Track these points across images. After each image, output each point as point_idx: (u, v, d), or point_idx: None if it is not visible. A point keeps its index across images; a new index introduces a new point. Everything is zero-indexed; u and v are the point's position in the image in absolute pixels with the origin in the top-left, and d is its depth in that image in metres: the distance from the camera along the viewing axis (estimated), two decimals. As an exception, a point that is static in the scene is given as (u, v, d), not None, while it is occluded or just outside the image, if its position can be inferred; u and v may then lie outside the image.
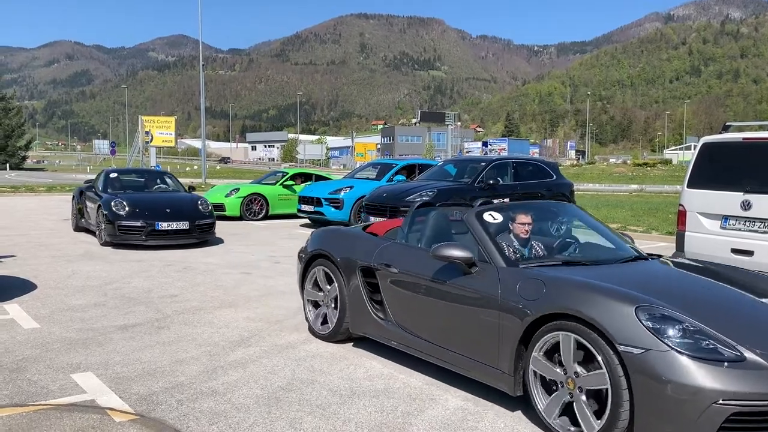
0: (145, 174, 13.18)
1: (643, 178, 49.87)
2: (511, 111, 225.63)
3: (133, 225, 10.22)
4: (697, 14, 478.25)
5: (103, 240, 10.56)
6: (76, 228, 12.58)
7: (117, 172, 12.59)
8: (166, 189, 12.31)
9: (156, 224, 10.25)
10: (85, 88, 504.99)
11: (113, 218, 10.23)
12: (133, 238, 10.22)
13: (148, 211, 10.41)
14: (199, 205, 11.03)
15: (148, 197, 11.30)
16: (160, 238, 10.31)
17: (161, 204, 10.79)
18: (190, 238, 10.55)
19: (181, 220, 10.46)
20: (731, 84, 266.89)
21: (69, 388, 4.12)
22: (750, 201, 6.53)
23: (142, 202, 10.70)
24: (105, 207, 10.45)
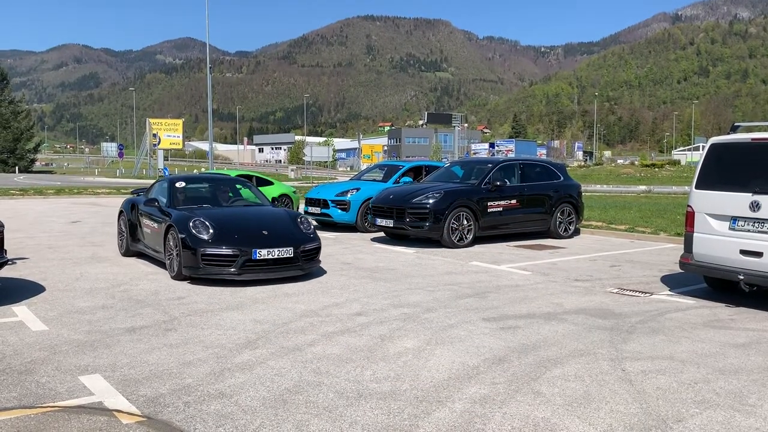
0: (216, 182, 10.22)
1: (651, 179, 49.64)
2: (518, 112, 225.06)
3: (223, 254, 7.59)
4: (705, 14, 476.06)
5: (176, 272, 7.93)
6: (127, 252, 9.83)
7: (184, 180, 9.65)
8: (247, 202, 9.70)
9: (253, 252, 7.63)
10: (93, 91, 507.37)
11: (194, 244, 7.65)
12: (223, 272, 7.59)
13: (239, 234, 7.86)
14: (299, 223, 8.51)
15: (234, 214, 8.70)
16: (257, 270, 7.68)
17: (254, 223, 8.28)
18: (294, 269, 7.96)
19: (284, 245, 7.88)
20: (740, 84, 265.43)
21: (77, 390, 4.13)
22: (759, 202, 6.49)
23: (230, 222, 8.19)
24: (180, 228, 7.87)
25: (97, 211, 18.47)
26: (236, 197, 9.75)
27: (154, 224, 8.77)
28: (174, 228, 7.95)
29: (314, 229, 8.57)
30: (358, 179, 15.87)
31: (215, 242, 7.64)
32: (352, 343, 5.32)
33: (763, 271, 6.47)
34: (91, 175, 53.00)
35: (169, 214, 8.38)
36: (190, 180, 9.86)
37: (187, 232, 7.77)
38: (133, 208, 9.76)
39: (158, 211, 8.73)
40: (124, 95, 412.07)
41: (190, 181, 9.81)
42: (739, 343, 5.49)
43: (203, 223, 7.86)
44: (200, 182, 10.17)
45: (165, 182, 9.51)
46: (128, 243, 9.78)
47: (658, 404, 4.04)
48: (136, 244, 9.60)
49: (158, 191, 9.49)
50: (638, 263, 9.81)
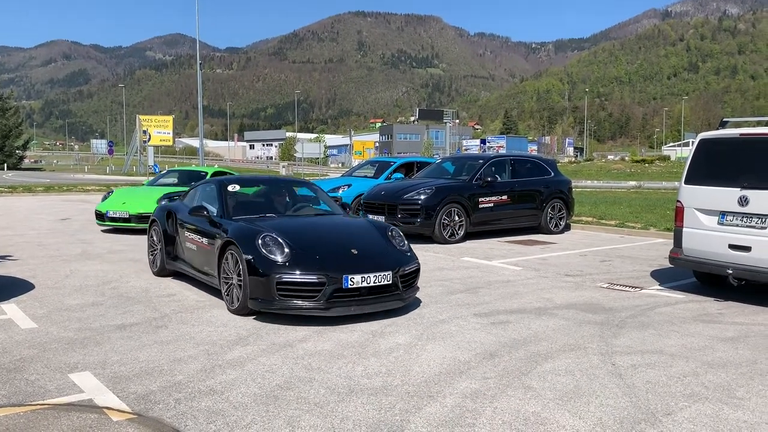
0: (272, 184, 8.29)
1: (641, 174, 49.88)
2: (509, 108, 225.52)
3: (305, 281, 5.68)
4: (695, 10, 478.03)
5: (238, 304, 6.00)
6: (162, 271, 7.91)
7: (237, 182, 7.61)
8: (316, 209, 7.63)
9: (344, 279, 5.72)
10: (82, 87, 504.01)
11: (266, 268, 5.74)
12: (304, 306, 5.68)
13: (322, 254, 5.95)
14: (391, 237, 6.56)
15: (309, 227, 6.74)
16: (348, 302, 5.77)
17: (336, 239, 6.38)
18: (394, 299, 6.04)
19: (380, 268, 5.94)
20: (729, 80, 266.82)
21: (66, 387, 4.11)
22: (747, 197, 6.54)
23: (307, 237, 6.28)
24: (245, 246, 5.95)
25: (86, 208, 18.36)
26: (299, 203, 7.77)
27: (202, 239, 6.89)
28: (235, 246, 6.04)
29: (409, 245, 6.68)
30: (349, 176, 15.86)
31: (293, 265, 5.75)
32: (344, 338, 5.32)
33: (751, 265, 6.53)
34: (80, 173, 52.68)
35: (224, 227, 6.50)
36: (245, 182, 7.90)
37: (255, 252, 5.85)
38: (169, 216, 7.90)
39: (207, 223, 6.85)
40: (113, 92, 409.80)
41: (246, 184, 7.87)
42: (727, 337, 5.53)
43: (275, 239, 5.94)
44: (253, 184, 8.10)
45: (212, 185, 7.61)
46: (163, 260, 7.84)
47: (648, 398, 4.06)
48: (174, 261, 7.70)
49: (202, 196, 7.67)
50: (628, 258, 9.86)
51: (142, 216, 12.09)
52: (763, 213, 6.43)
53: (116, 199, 13.03)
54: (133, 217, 12.41)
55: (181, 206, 7.92)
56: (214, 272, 6.55)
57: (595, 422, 3.67)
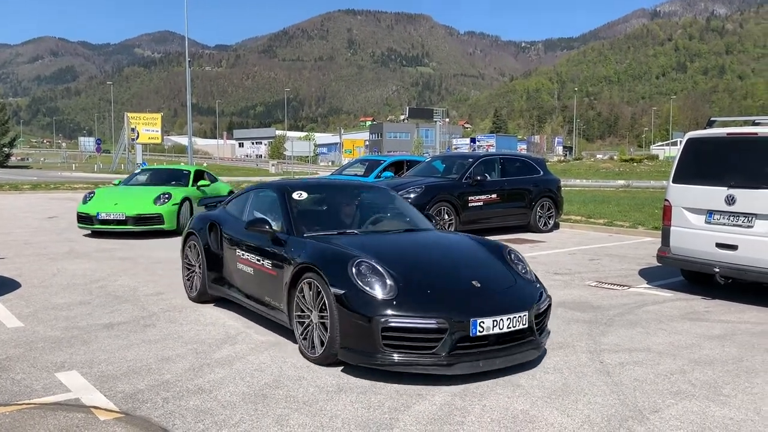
0: (339, 189, 6.51)
1: (629, 173, 50.16)
2: (498, 107, 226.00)
3: (420, 326, 4.21)
4: (683, 10, 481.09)
5: (323, 352, 4.53)
6: (202, 296, 6.45)
7: (304, 188, 6.03)
8: (403, 223, 6.04)
9: (471, 324, 4.26)
10: (70, 84, 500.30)
11: (365, 307, 4.29)
12: (420, 360, 4.21)
13: (434, 287, 4.50)
14: (511, 261, 5.10)
15: (405, 247, 5.32)
16: (476, 354, 4.29)
17: (448, 264, 4.95)
18: (530, 348, 4.57)
19: (514, 307, 4.50)
20: (717, 80, 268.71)
21: (53, 387, 4.08)
22: (734, 196, 6.59)
23: (410, 262, 4.85)
24: (332, 275, 4.52)
25: (74, 206, 18.21)
26: (375, 213, 6.14)
27: (262, 261, 5.42)
28: (317, 274, 4.59)
29: (532, 271, 5.21)
30: (339, 174, 15.84)
31: (401, 304, 4.26)
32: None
33: (737, 263, 6.58)
34: (68, 170, 52.28)
35: (294, 247, 5.09)
36: (311, 188, 6.15)
37: (348, 285, 4.38)
38: (212, 229, 6.39)
39: (269, 240, 5.39)
40: (101, 89, 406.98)
41: (313, 190, 6.14)
42: (714, 335, 5.58)
43: (372, 267, 4.49)
44: (319, 191, 6.30)
45: (269, 191, 6.13)
46: (205, 283, 6.32)
47: (635, 395, 4.09)
48: (220, 286, 6.19)
49: (256, 205, 6.18)
50: (616, 257, 9.91)
51: (141, 218, 11.48)
52: (750, 212, 6.49)
53: (104, 200, 11.81)
54: (131, 218, 11.43)
55: (227, 217, 6.39)
56: (280, 305, 5.07)
57: (583, 420, 3.69)
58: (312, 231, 5.39)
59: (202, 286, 6.39)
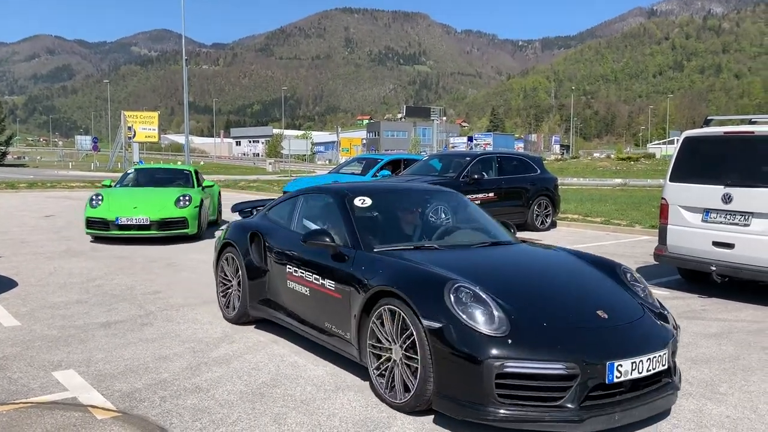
0: (412, 194, 5.71)
1: (626, 172, 50.23)
2: (496, 106, 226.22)
3: (544, 372, 3.34)
4: (680, 9, 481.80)
5: (409, 399, 3.68)
6: (242, 316, 5.54)
7: (366, 192, 5.12)
8: (485, 235, 5.09)
9: (608, 368, 3.38)
10: (66, 83, 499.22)
11: (471, 346, 3.40)
12: (546, 417, 3.32)
13: (551, 319, 3.61)
14: (630, 282, 4.27)
15: (505, 265, 4.47)
16: (612, 405, 3.41)
17: (559, 289, 4.08)
18: (669, 393, 3.69)
19: (652, 344, 3.65)
20: (713, 79, 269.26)
21: (50, 386, 4.08)
22: (731, 194, 6.61)
23: (513, 285, 4.01)
24: (424, 304, 3.64)
25: (71, 205, 18.20)
26: (448, 222, 5.34)
27: (322, 281, 4.53)
28: (403, 301, 3.71)
29: (651, 291, 4.33)
30: (336, 173, 15.83)
31: (518, 343, 3.40)
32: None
33: (734, 262, 6.60)
34: (64, 169, 52.14)
35: (363, 265, 4.22)
36: (372, 193, 5.16)
37: (446, 316, 3.52)
38: (253, 240, 5.50)
39: (329, 256, 4.51)
40: (98, 87, 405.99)
41: (374, 195, 5.13)
42: (710, 333, 5.59)
43: (474, 294, 3.60)
44: (382, 196, 5.32)
45: (326, 196, 5.21)
46: (246, 303, 5.44)
47: (632, 394, 4.08)
48: (264, 306, 5.31)
49: (306, 211, 5.35)
50: (614, 255, 9.89)
51: (166, 222, 10.41)
52: (746, 210, 6.50)
53: (119, 203, 10.63)
54: (155, 223, 10.33)
55: (271, 226, 5.52)
56: (346, 334, 4.25)
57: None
58: (382, 245, 4.50)
59: (242, 306, 5.47)
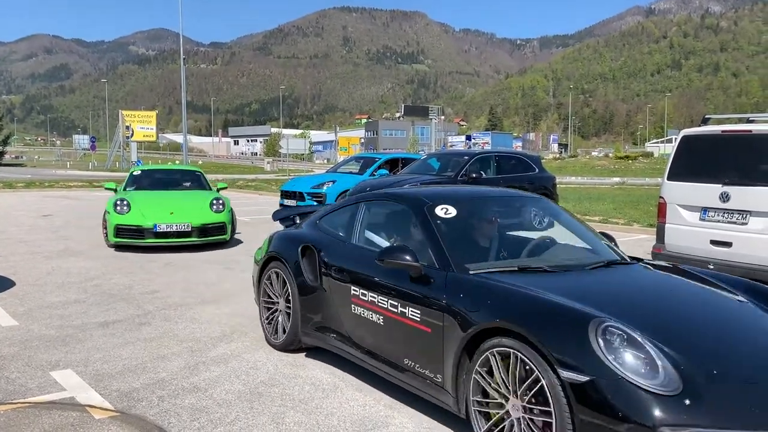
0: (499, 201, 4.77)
1: (624, 171, 50.26)
2: (494, 105, 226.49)
3: None
4: (678, 8, 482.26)
5: None
6: (290, 344, 4.76)
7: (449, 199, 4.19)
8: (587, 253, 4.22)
9: None
10: (64, 82, 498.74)
11: (639, 414, 2.49)
12: None
13: (725, 369, 2.71)
14: None
15: (652, 296, 3.50)
16: None
17: (736, 330, 3.19)
18: None
19: None
20: (711, 77, 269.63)
21: (48, 385, 4.07)
22: (728, 193, 6.61)
23: (677, 326, 3.05)
24: (563, 351, 2.74)
25: (69, 204, 18.18)
26: (545, 235, 4.37)
27: (405, 309, 3.68)
28: (528, 343, 2.91)
29: None
30: (333, 172, 15.84)
31: (699, 404, 2.56)
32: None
33: (732, 260, 6.60)
34: (62, 168, 52.07)
35: (463, 292, 3.39)
36: (454, 200, 4.24)
37: (595, 366, 2.67)
38: (305, 253, 4.67)
39: (413, 280, 3.66)
40: (96, 87, 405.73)
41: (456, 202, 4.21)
42: (709, 332, 5.58)
43: (629, 337, 2.76)
44: (465, 203, 4.36)
45: (396, 203, 4.44)
46: (297, 328, 4.62)
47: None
48: (320, 333, 4.48)
49: (369, 221, 4.56)
50: (612, 254, 9.91)
51: (206, 228, 9.73)
52: (744, 209, 6.51)
53: (152, 208, 9.77)
54: (196, 229, 9.61)
55: (325, 238, 4.67)
56: (437, 377, 3.45)
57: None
58: (477, 265, 3.64)
59: (292, 332, 4.65)
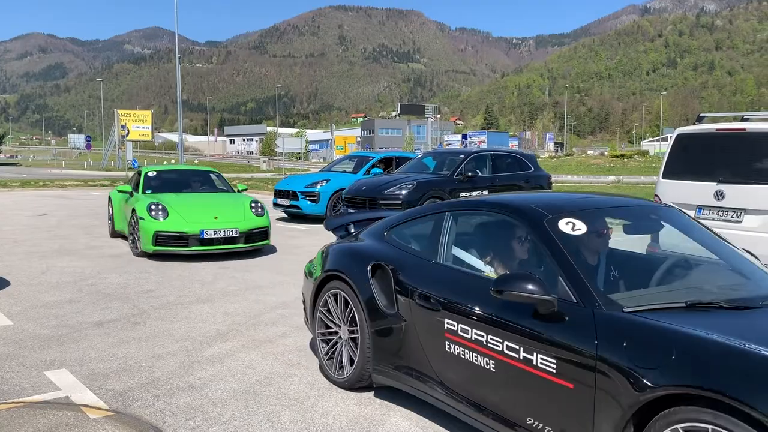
0: (629, 213, 3.82)
1: (620, 169, 50.36)
2: (490, 103, 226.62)
3: None
4: (673, 7, 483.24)
5: None
6: (358, 381, 3.93)
7: (568, 212, 3.33)
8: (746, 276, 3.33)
9: None
10: (59, 81, 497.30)
11: None
12: None
13: None
14: None
15: None
16: None
17: None
18: None
19: None
20: (706, 76, 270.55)
21: (42, 385, 4.06)
22: (723, 191, 6.63)
23: None
24: None
25: (64, 204, 18.13)
26: (686, 255, 3.51)
27: (531, 355, 2.86)
28: (751, 422, 2.07)
29: None
30: (327, 170, 15.82)
31: None
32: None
33: (727, 258, 6.61)
34: (57, 167, 51.92)
35: (626, 340, 2.53)
36: (575, 213, 3.35)
37: None
38: (376, 272, 3.89)
39: (539, 317, 2.86)
40: (91, 86, 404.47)
41: (578, 215, 3.32)
42: (703, 330, 5.60)
43: None
44: (592, 217, 3.47)
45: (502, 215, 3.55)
46: (366, 362, 3.84)
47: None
48: (397, 371, 3.71)
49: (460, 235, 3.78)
50: (607, 252, 9.93)
51: (252, 233, 9.11)
52: (739, 207, 6.53)
53: (193, 213, 9.02)
54: (243, 235, 8.97)
55: (401, 255, 3.85)
56: None
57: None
58: (631, 300, 2.83)
59: (360, 368, 3.85)
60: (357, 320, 3.88)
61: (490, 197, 3.94)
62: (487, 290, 3.03)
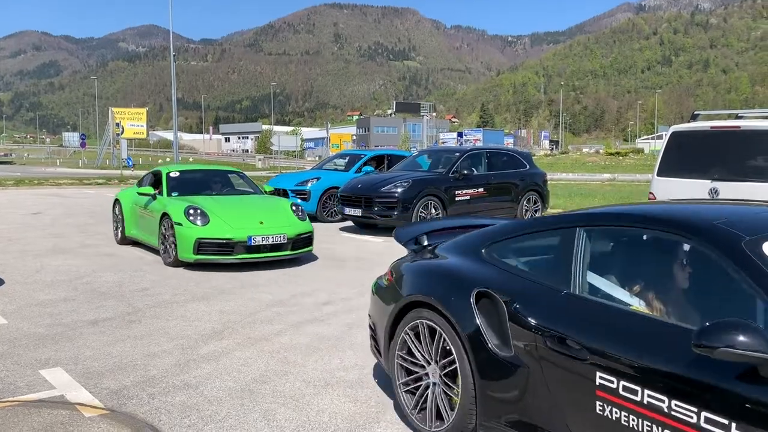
0: None
1: (615, 167, 50.44)
2: (485, 101, 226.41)
3: None
4: (668, 4, 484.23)
5: None
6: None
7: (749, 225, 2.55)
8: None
9: None
10: (53, 79, 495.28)
11: None
12: None
13: None
14: None
15: None
16: None
17: None
18: None
19: None
20: (701, 74, 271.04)
21: (37, 384, 4.05)
22: (717, 189, 6.65)
23: None
24: None
25: (59, 202, 18.07)
26: None
27: None
28: None
29: None
30: (319, 168, 15.80)
31: None
32: (320, 332, 5.31)
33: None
34: (52, 166, 51.73)
35: None
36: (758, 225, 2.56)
37: None
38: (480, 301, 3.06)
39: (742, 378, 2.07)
40: (85, 84, 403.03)
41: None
42: (698, 327, 5.62)
43: None
44: None
45: (668, 234, 2.65)
46: (470, 416, 3.01)
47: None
48: (516, 430, 2.87)
49: (599, 259, 2.95)
50: (602, 250, 9.95)
51: (298, 239, 8.43)
52: (733, 204, 6.55)
53: (236, 217, 8.25)
54: (290, 241, 8.28)
55: (516, 281, 3.08)
56: None
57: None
58: None
59: (462, 422, 3.07)
60: (456, 361, 3.08)
61: (644, 209, 3.03)
62: (664, 336, 2.36)
